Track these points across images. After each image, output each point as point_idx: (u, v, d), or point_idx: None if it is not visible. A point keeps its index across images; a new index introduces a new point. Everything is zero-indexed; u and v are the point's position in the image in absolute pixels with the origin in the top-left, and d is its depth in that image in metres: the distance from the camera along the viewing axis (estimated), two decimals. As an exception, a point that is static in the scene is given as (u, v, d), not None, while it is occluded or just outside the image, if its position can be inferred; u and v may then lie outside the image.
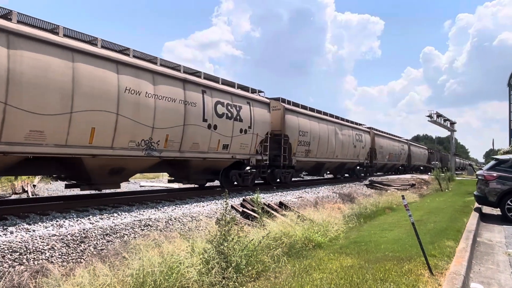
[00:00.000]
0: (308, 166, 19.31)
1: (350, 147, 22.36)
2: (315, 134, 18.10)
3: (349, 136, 22.52)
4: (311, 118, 18.12)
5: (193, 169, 11.85)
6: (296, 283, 4.19)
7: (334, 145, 20.20)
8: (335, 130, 20.41)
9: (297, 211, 8.91)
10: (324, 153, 19.30)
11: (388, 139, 31.92)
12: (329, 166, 21.24)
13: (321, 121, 19.11)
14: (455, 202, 12.84)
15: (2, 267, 4.85)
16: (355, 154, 23.45)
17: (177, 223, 7.80)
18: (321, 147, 18.75)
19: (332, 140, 20.02)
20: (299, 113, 17.15)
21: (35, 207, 7.99)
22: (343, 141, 21.35)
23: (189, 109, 10.71)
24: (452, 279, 4.30)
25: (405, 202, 4.99)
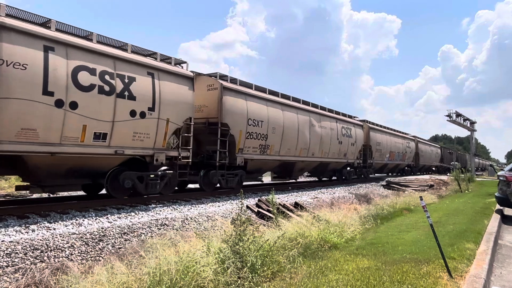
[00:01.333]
0: (269, 167, 15.07)
1: (333, 143, 18.28)
2: (276, 125, 13.89)
3: (332, 130, 18.29)
4: (270, 104, 13.92)
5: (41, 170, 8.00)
6: (311, 284, 4.17)
7: (309, 140, 15.99)
8: (309, 121, 16.09)
9: (312, 211, 8.87)
10: (292, 150, 15.11)
11: (389, 135, 27.37)
12: (303, 166, 16.99)
13: (286, 108, 14.79)
14: (475, 203, 12.54)
15: (24, 264, 4.99)
16: (340, 152, 19.28)
17: (193, 222, 7.87)
18: (287, 142, 14.59)
19: (305, 133, 15.77)
20: (248, 95, 12.89)
21: (55, 206, 8.19)
22: (323, 135, 17.17)
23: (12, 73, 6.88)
24: (472, 282, 4.20)
25: (423, 203, 4.91)
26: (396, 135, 29.64)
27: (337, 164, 19.82)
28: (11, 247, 5.26)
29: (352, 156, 20.99)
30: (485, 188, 19.89)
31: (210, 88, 12.13)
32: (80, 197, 10.79)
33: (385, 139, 26.45)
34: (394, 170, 32.05)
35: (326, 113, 18.41)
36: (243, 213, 5.04)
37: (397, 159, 29.23)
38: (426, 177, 27.80)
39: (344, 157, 20.02)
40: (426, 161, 39.38)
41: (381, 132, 26.17)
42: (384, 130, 26.84)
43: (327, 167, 19.16)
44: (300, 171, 17.73)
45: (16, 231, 6.09)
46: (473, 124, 38.26)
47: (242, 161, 12.68)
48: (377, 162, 25.34)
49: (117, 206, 8.92)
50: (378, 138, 25.01)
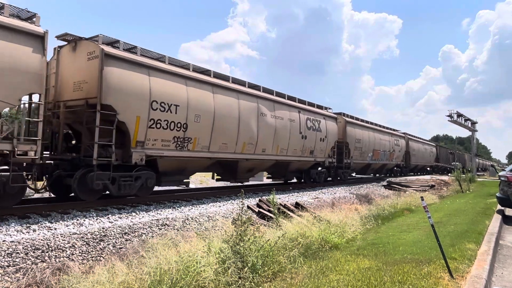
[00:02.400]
0: (197, 166, 11.57)
1: (294, 138, 15.11)
2: (202, 111, 10.65)
3: (292, 121, 15.04)
4: (192, 83, 10.58)
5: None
6: (312, 284, 4.16)
7: (256, 133, 12.85)
8: (258, 108, 13.01)
9: (313, 211, 8.87)
10: (230, 145, 11.95)
11: (372, 131, 23.82)
12: (251, 166, 13.61)
13: (220, 91, 11.52)
14: (477, 204, 12.52)
15: (26, 264, 5.00)
16: (305, 149, 16.08)
17: (193, 222, 7.87)
18: (220, 135, 11.45)
19: (251, 124, 12.63)
20: (153, 69, 9.57)
21: (56, 206, 8.20)
22: (278, 127, 13.99)
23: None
24: (473, 282, 4.20)
25: (424, 204, 4.90)
26: (382, 131, 25.90)
27: (301, 163, 16.53)
28: (12, 247, 5.27)
29: (322, 154, 17.63)
30: (486, 189, 19.86)
31: (91, 57, 8.77)
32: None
33: (367, 135, 22.71)
34: (380, 171, 28.13)
35: (284, 100, 14.95)
36: (244, 213, 5.05)
37: (382, 159, 25.58)
38: (427, 178, 27.77)
39: (310, 155, 16.63)
40: (419, 160, 35.94)
41: (362, 127, 22.43)
42: (365, 125, 23.19)
43: (287, 167, 15.83)
44: (249, 172, 13.95)
45: (17, 231, 6.10)
46: (474, 125, 38.22)
47: (143, 158, 9.24)
48: (357, 161, 21.70)
49: (118, 206, 8.93)
50: (357, 133, 21.40)
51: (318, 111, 17.84)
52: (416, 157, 34.40)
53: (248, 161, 13.12)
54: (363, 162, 22.71)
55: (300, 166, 16.84)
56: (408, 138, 32.78)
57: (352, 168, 21.81)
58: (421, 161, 36.79)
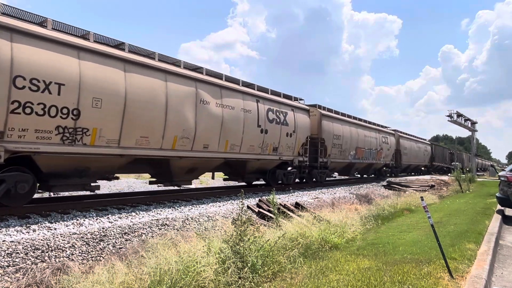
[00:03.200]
0: (104, 165, 8.91)
1: (250, 132, 12.55)
2: (104, 94, 8.17)
3: (248, 112, 12.43)
4: (89, 56, 8.09)
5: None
6: (312, 284, 4.16)
7: (194, 124, 10.35)
8: (196, 95, 10.43)
9: (313, 211, 8.87)
10: (155, 139, 9.38)
11: (355, 126, 21.27)
12: (191, 166, 11.08)
13: (136, 69, 8.97)
14: (476, 204, 12.52)
15: (25, 264, 5.00)
16: (266, 145, 13.49)
17: (193, 222, 7.87)
18: (137, 125, 8.90)
19: (186, 114, 10.14)
20: (17, 32, 7.00)
21: (56, 206, 8.20)
22: (226, 118, 11.48)
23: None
24: (473, 282, 4.20)
25: (424, 204, 4.90)
26: (367, 127, 23.22)
27: (262, 162, 13.82)
28: (12, 247, 5.27)
29: (290, 152, 15.13)
30: (486, 189, 19.87)
31: None
32: (81, 197, 10.80)
33: (348, 131, 20.11)
34: (366, 171, 25.28)
35: (236, 86, 12.37)
36: (244, 213, 5.04)
37: (368, 158, 22.91)
38: (427, 178, 27.78)
39: (274, 153, 14.09)
40: (412, 160, 33.28)
41: (342, 122, 19.75)
42: (346, 120, 20.50)
43: (244, 167, 13.32)
44: (190, 173, 11.36)
45: (17, 231, 6.10)
46: (474, 125, 38.22)
47: (1, 155, 6.82)
48: (336, 160, 19.12)
49: (118, 206, 8.94)
50: (336, 129, 18.73)
51: (285, 101, 15.12)
52: (408, 156, 31.83)
53: (183, 159, 10.45)
54: (343, 161, 20.09)
55: (261, 166, 14.05)
56: (399, 136, 30.08)
57: (332, 168, 19.48)
58: (414, 161, 34.28)
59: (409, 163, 32.52)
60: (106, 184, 17.00)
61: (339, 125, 19.28)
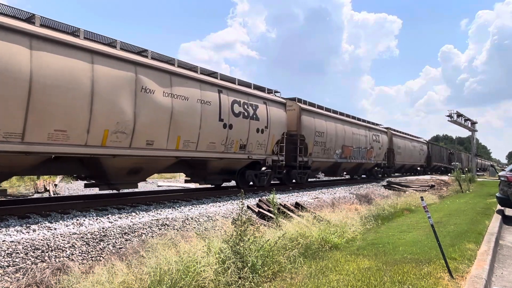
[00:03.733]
0: (18, 167, 7.66)
1: (208, 127, 10.84)
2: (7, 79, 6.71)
3: (206, 104, 10.75)
4: None
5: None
6: (312, 284, 4.16)
7: (133, 116, 8.73)
8: (136, 82, 8.81)
9: (313, 211, 8.87)
10: (76, 133, 7.81)
11: (341, 123, 19.62)
12: (133, 166, 9.43)
13: (46, 46, 7.32)
14: (476, 204, 12.52)
15: (25, 264, 5.00)
16: (230, 142, 11.83)
17: (193, 222, 7.87)
18: (46, 117, 7.30)
19: (121, 103, 8.50)
20: None
21: (56, 206, 8.20)
22: (177, 110, 9.79)
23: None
24: (473, 282, 4.20)
25: (424, 204, 4.90)
26: (355, 123, 21.67)
27: (227, 162, 12.17)
28: (12, 247, 5.27)
29: (262, 150, 13.38)
30: (486, 189, 19.87)
31: None
32: (81, 197, 10.80)
33: (333, 127, 18.62)
34: (356, 171, 23.57)
35: (191, 73, 10.61)
36: (244, 213, 5.04)
37: (356, 157, 21.39)
38: (427, 178, 27.79)
39: (241, 151, 12.39)
40: (406, 159, 31.52)
41: (325, 118, 18.12)
42: (331, 115, 18.89)
43: (205, 167, 11.73)
44: (133, 174, 9.67)
45: (17, 231, 6.10)
46: (474, 125, 38.24)
47: None
48: (319, 160, 17.47)
49: (118, 206, 8.94)
50: (318, 125, 17.15)
51: (255, 92, 13.25)
52: (402, 155, 30.05)
53: (118, 158, 8.75)
54: (328, 161, 18.52)
55: (227, 166, 12.42)
56: (392, 134, 28.26)
57: (315, 168, 18.00)
58: (409, 160, 32.52)
59: (403, 162, 30.98)
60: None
61: (322, 121, 17.65)
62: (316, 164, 17.65)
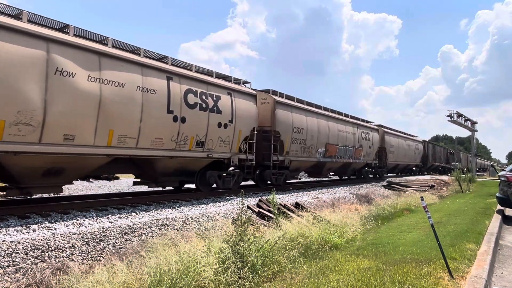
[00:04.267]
0: None
1: (155, 121, 9.31)
2: None
3: (149, 93, 9.13)
4: None
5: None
6: (312, 284, 4.16)
7: (41, 105, 7.15)
8: (47, 62, 7.26)
9: (313, 211, 8.87)
10: None
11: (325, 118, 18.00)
12: (49, 166, 7.81)
13: None
14: (476, 204, 12.52)
15: (25, 264, 5.00)
16: (182, 138, 10.18)
17: (193, 222, 7.87)
18: None
19: (23, 89, 6.92)
20: None
21: (56, 206, 8.20)
22: (108, 99, 8.25)
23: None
24: (473, 282, 4.20)
25: (424, 204, 4.90)
26: (341, 120, 19.91)
27: (181, 162, 10.46)
28: (12, 247, 5.27)
29: (226, 148, 11.70)
30: (486, 189, 19.88)
31: None
32: (81, 197, 10.81)
33: (315, 123, 16.82)
34: (344, 171, 21.79)
35: (126, 55, 8.94)
36: (244, 213, 5.04)
37: (343, 156, 19.71)
38: (427, 178, 27.80)
39: (199, 149, 10.66)
40: (400, 159, 29.71)
41: (305, 112, 16.21)
42: (312, 110, 17.09)
43: (153, 167, 10.00)
44: (52, 176, 8.05)
45: (17, 231, 6.10)
46: (474, 125, 38.25)
47: None
48: (298, 159, 15.65)
49: (118, 206, 8.94)
50: (297, 120, 15.34)
51: (217, 81, 11.40)
52: (395, 154, 28.28)
53: (21, 156, 7.10)
54: (309, 160, 16.77)
55: (181, 166, 10.63)
56: (384, 132, 26.48)
57: (294, 168, 16.04)
58: (403, 160, 30.74)
59: (396, 162, 29.16)
60: (106, 184, 17.01)
61: (301, 116, 15.83)
62: (295, 164, 15.93)
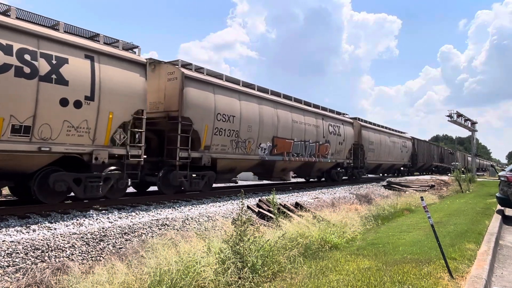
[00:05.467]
0: None
1: None
2: None
3: None
4: None
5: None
6: (312, 284, 4.16)
7: None
8: None
9: (313, 211, 8.86)
10: None
11: (269, 104, 13.82)
12: None
13: None
14: (476, 204, 12.52)
15: (25, 264, 5.00)
16: None
17: (193, 222, 7.87)
18: None
19: None
20: None
21: (56, 206, 8.19)
22: None
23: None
24: (473, 282, 4.20)
25: (424, 204, 4.90)
26: (297, 108, 15.55)
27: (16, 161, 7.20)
28: (12, 247, 5.27)
29: (84, 139, 7.96)
30: (486, 189, 19.89)
31: None
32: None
33: (255, 111, 12.88)
34: (308, 172, 17.85)
35: None
36: (244, 213, 5.04)
37: (301, 154, 15.61)
38: (427, 178, 27.81)
39: (22, 138, 6.96)
40: (383, 158, 25.31)
41: (238, 95, 12.29)
42: (249, 93, 12.93)
43: None
44: None
45: (17, 231, 6.09)
46: (474, 125, 38.24)
47: None
48: (226, 156, 11.86)
49: (118, 206, 8.93)
50: (222, 104, 11.46)
51: (57, 36, 7.56)
52: (376, 153, 23.96)
53: None
54: (247, 159, 12.73)
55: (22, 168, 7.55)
56: (361, 125, 22.32)
57: (224, 169, 12.17)
58: (387, 159, 26.35)
59: (378, 161, 24.77)
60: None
61: (232, 100, 11.99)
62: (224, 163, 12.02)
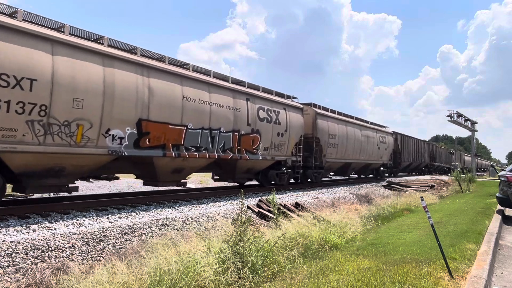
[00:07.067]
0: None
1: None
2: None
3: None
4: None
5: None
6: (312, 284, 4.16)
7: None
8: None
9: (313, 211, 8.86)
10: None
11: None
12: None
13: None
14: (476, 204, 12.52)
15: (25, 264, 5.00)
16: None
17: (193, 222, 7.87)
18: None
19: None
20: None
21: (56, 206, 8.19)
22: None
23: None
24: (473, 282, 4.20)
25: (424, 204, 4.90)
26: (192, 79, 10.42)
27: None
28: (12, 247, 5.27)
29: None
30: (486, 189, 19.88)
31: None
32: (81, 197, 10.80)
33: (99, 76, 7.95)
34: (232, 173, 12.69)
35: None
36: (244, 213, 5.04)
37: (204, 147, 10.82)
38: (427, 178, 27.79)
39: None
40: (350, 155, 19.74)
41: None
42: (88, 48, 7.84)
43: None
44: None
45: (17, 231, 6.09)
46: (474, 125, 38.25)
47: None
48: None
49: (118, 206, 8.94)
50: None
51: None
52: (342, 149, 18.54)
53: None
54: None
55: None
56: (316, 113, 16.69)
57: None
58: (358, 157, 20.93)
59: (343, 160, 19.25)
60: (106, 184, 17.01)
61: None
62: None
